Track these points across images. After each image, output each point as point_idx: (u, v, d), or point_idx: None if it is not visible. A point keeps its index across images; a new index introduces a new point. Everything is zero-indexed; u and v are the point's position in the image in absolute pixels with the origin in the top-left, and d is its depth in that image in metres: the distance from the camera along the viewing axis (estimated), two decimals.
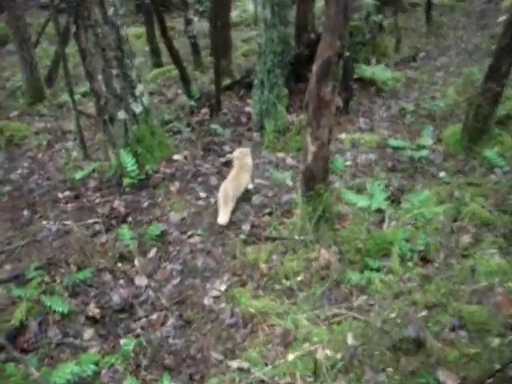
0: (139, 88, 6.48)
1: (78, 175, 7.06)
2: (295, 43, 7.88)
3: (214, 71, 8.19)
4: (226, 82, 9.55)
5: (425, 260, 4.83)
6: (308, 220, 5.09)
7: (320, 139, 4.75)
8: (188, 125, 8.37)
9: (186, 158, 6.99)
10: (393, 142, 7.02)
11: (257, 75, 7.27)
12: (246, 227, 5.76)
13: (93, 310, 4.85)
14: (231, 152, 6.97)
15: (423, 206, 5.05)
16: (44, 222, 6.37)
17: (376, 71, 8.37)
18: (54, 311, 4.72)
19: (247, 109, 8.22)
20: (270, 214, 5.92)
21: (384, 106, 8.23)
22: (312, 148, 4.79)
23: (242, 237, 5.56)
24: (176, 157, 6.96)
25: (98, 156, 7.77)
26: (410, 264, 4.73)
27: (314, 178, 4.93)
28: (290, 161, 6.89)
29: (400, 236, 4.89)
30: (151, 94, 10.46)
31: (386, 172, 6.52)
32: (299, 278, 4.85)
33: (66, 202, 6.75)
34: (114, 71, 6.16)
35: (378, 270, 4.70)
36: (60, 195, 6.94)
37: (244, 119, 8.05)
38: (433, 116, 7.82)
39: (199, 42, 11.68)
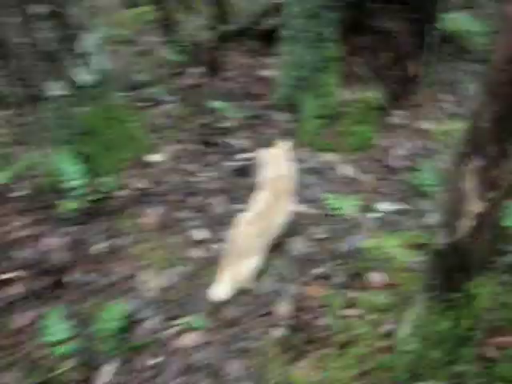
0: (88, 41, 3.56)
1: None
2: None
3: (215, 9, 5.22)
4: (227, 27, 6.56)
5: None
6: (433, 345, 2.38)
7: (498, 186, 1.96)
8: (172, 91, 5.45)
9: (168, 159, 4.13)
10: None
11: (288, 22, 4.35)
12: (284, 309, 3.02)
13: None
14: (245, 149, 4.17)
15: None
16: None
17: (461, 20, 5.46)
18: None
19: (265, 73, 5.30)
20: (326, 278, 3.24)
21: (475, 74, 5.35)
22: (477, 205, 2.00)
23: (278, 333, 2.84)
24: (153, 158, 4.11)
25: None
26: None
27: (467, 268, 2.17)
28: (347, 169, 4.11)
29: None
30: (121, 43, 7.40)
31: None
32: None
33: None
34: (38, 8, 3.20)
35: None
36: None
37: (260, 89, 5.14)
38: None
39: None
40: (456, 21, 5.49)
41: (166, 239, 3.52)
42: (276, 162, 3.45)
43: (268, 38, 5.47)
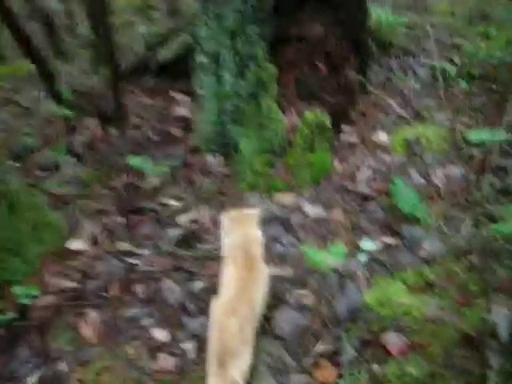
0: None
1: None
2: None
3: (104, 47, 4.43)
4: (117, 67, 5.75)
5: None
6: None
7: None
8: (69, 151, 4.59)
9: (95, 241, 3.30)
10: (472, 135, 3.78)
11: (201, 46, 3.64)
12: None
13: None
14: (185, 209, 3.45)
15: None
16: None
17: (378, 13, 4.97)
18: None
19: (180, 111, 4.52)
20: (333, 354, 2.65)
21: (405, 69, 4.87)
22: None
23: None
24: (75, 244, 3.25)
25: None
26: None
27: None
28: (313, 209, 3.44)
29: None
30: None
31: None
32: None
33: None
34: None
35: None
36: None
37: (179, 132, 4.36)
38: (488, 77, 4.62)
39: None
40: (373, 14, 4.98)
41: (118, 351, 2.70)
42: (238, 227, 2.75)
43: (171, 71, 4.74)
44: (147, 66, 5.28)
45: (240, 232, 2.75)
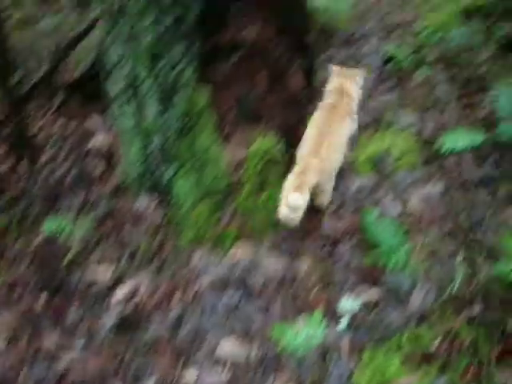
0: None
1: None
2: None
3: None
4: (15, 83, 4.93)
5: None
6: None
7: None
8: None
9: (14, 338, 2.68)
10: (449, 141, 3.31)
11: (112, 71, 2.96)
12: None
13: None
14: (116, 281, 2.90)
15: None
16: None
17: None
18: None
19: (96, 142, 3.80)
20: None
21: (354, 59, 4.29)
22: None
23: None
24: None
25: None
26: None
27: None
28: (274, 263, 2.90)
29: None
30: None
31: None
32: None
33: None
34: None
35: None
36: None
37: (99, 169, 3.66)
38: (446, 58, 4.11)
39: None
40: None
41: None
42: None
43: (84, 88, 4.04)
44: (55, 81, 4.50)
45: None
